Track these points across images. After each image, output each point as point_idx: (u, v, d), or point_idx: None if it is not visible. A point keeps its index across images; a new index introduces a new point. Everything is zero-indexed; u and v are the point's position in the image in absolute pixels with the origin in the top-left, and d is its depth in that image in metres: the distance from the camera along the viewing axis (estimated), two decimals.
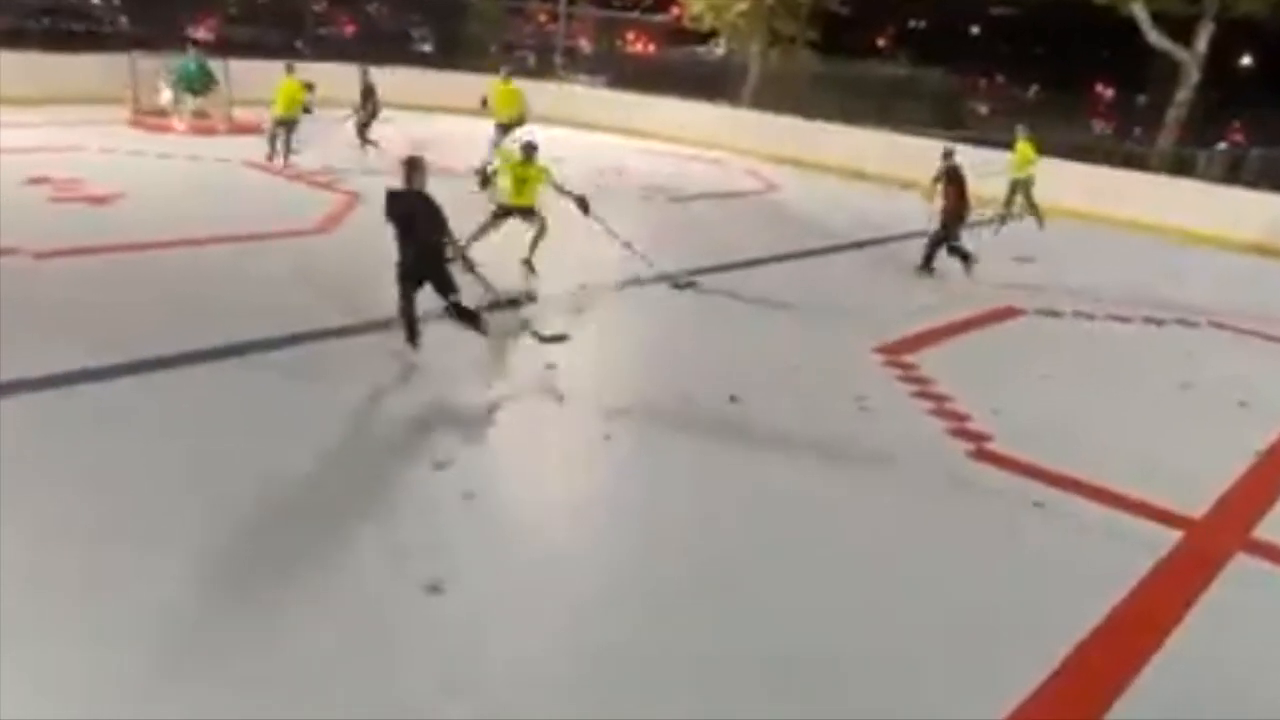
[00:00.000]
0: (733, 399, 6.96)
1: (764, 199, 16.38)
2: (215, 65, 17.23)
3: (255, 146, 14.78)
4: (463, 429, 6.22)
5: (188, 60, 16.99)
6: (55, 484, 5.00)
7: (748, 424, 6.64)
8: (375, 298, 7.68)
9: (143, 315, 7.62)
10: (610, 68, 27.92)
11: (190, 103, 16.85)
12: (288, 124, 14.05)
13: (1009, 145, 14.84)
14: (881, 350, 8.44)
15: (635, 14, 31.30)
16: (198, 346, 6.90)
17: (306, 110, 14.29)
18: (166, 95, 17.04)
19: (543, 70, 26.40)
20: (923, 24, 67.36)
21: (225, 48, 19.59)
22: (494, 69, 17.20)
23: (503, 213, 9.74)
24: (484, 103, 15.10)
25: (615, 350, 8.26)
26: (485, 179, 12.67)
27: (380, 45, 24.24)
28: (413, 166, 6.94)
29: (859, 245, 13.20)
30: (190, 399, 6.22)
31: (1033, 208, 14.84)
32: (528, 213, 9.72)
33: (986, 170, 13.39)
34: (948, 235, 11.29)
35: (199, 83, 16.88)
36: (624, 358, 8.07)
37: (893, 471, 6.16)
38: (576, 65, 27.25)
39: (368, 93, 15.43)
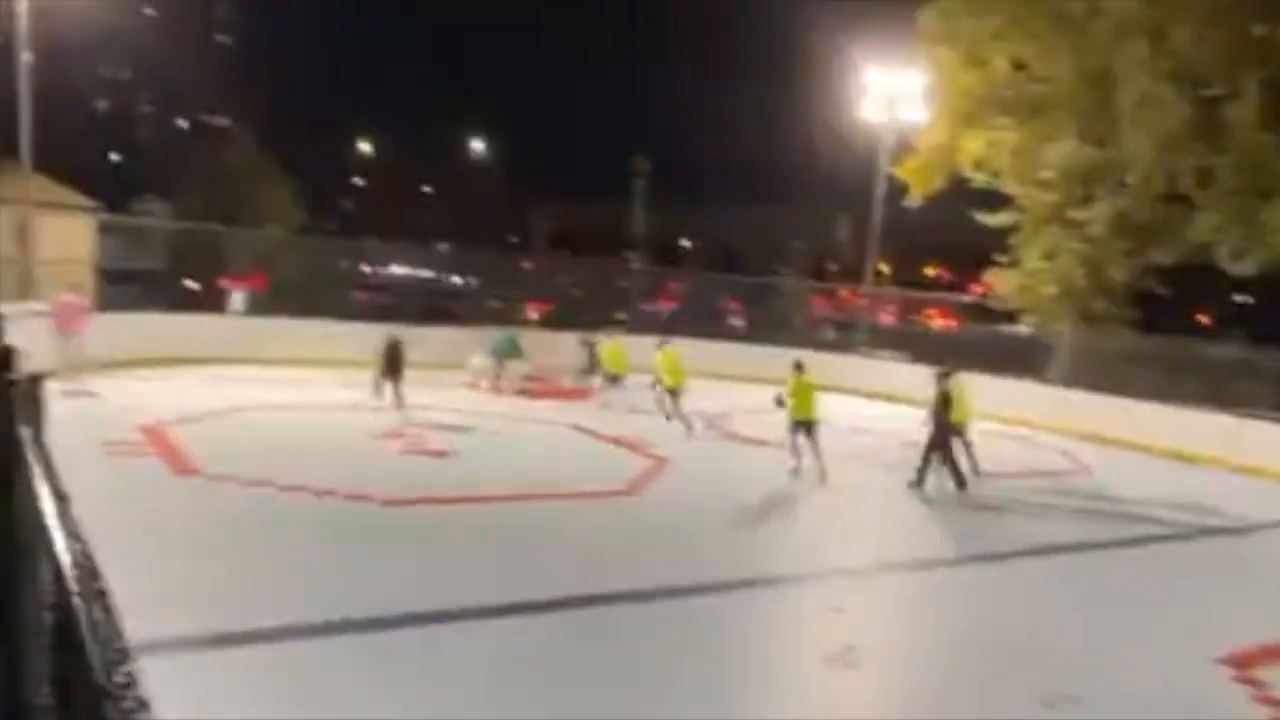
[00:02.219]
0: (1049, 705, 6.38)
1: (1076, 480, 15.44)
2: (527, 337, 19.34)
3: (577, 410, 16.17)
4: (755, 711, 6.11)
5: (505, 334, 19.19)
6: None
7: None
8: (664, 560, 7.95)
9: (474, 563, 8.32)
10: (911, 343, 28.22)
11: (497, 368, 18.87)
12: (674, 392, 15.45)
13: None
14: (1229, 662, 7.44)
15: (938, 294, 31.83)
16: (527, 598, 7.39)
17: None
18: (476, 361, 19.18)
19: (845, 345, 27.18)
20: (1250, 300, 63.01)
21: (551, 322, 22.02)
22: (798, 343, 17.96)
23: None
24: (779, 402, 14.02)
25: (920, 639, 7.87)
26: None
27: (696, 321, 26.10)
28: None
29: (1188, 537, 12.01)
30: (523, 649, 6.60)
31: None
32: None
33: None
34: None
35: (506, 353, 19.00)
36: (931, 647, 7.66)
37: None
38: (879, 340, 27.81)
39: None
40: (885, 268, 47.73)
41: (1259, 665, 7.37)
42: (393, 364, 15.70)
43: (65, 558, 2.09)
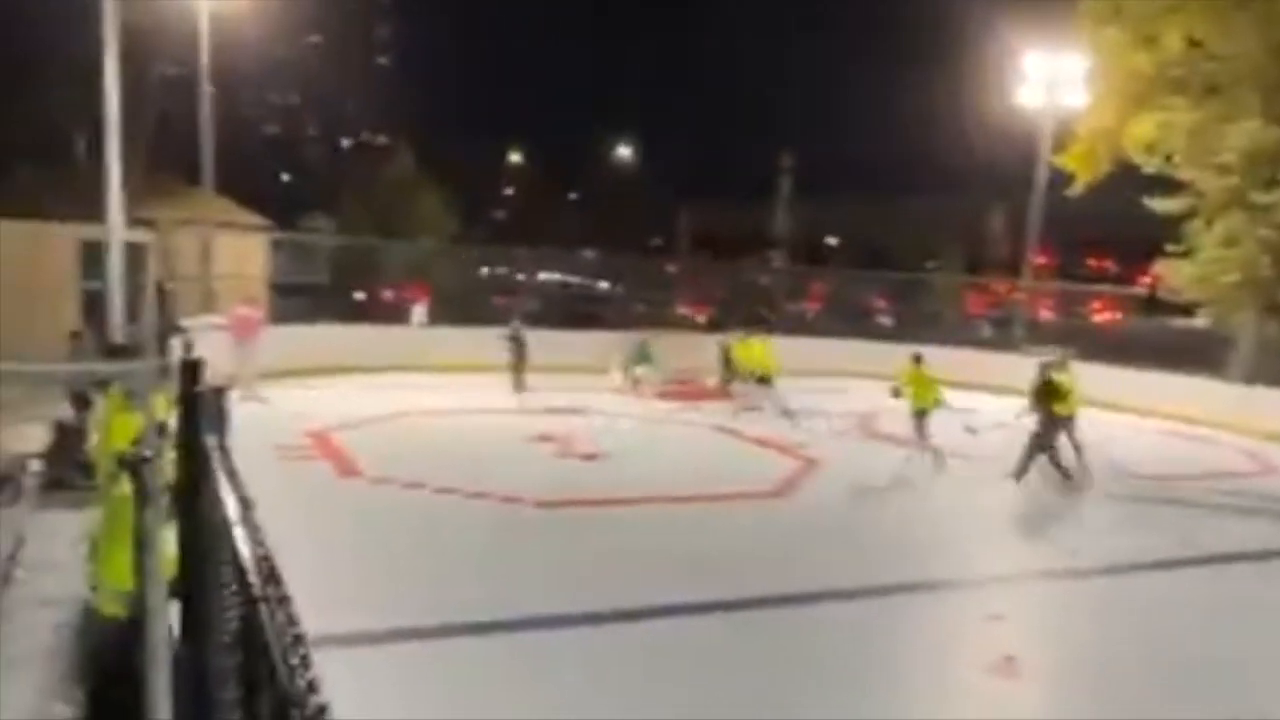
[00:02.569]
0: None
1: (1261, 482, 14.35)
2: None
3: (719, 412, 16.16)
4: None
5: (636, 341, 19.41)
6: None
7: None
8: (814, 562, 7.80)
9: (625, 564, 8.40)
10: (1073, 338, 26.88)
11: (635, 373, 19.07)
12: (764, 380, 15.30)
13: None
14: None
15: (1103, 286, 30.23)
16: (678, 600, 7.43)
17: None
18: (615, 367, 19.46)
19: (1001, 342, 26.14)
20: None
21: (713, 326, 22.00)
22: (950, 341, 17.34)
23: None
24: (895, 393, 13.47)
25: (1085, 648, 7.45)
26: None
27: (844, 320, 25.64)
28: None
29: None
30: (675, 650, 6.63)
31: None
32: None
33: None
34: None
35: (639, 360, 19.20)
36: (1095, 656, 7.25)
37: None
38: (1038, 336, 26.59)
39: None
40: (1044, 260, 45.67)
41: None
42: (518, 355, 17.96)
43: (249, 561, 2.20)
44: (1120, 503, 12.44)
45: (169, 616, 4.02)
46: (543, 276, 35.63)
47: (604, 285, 35.99)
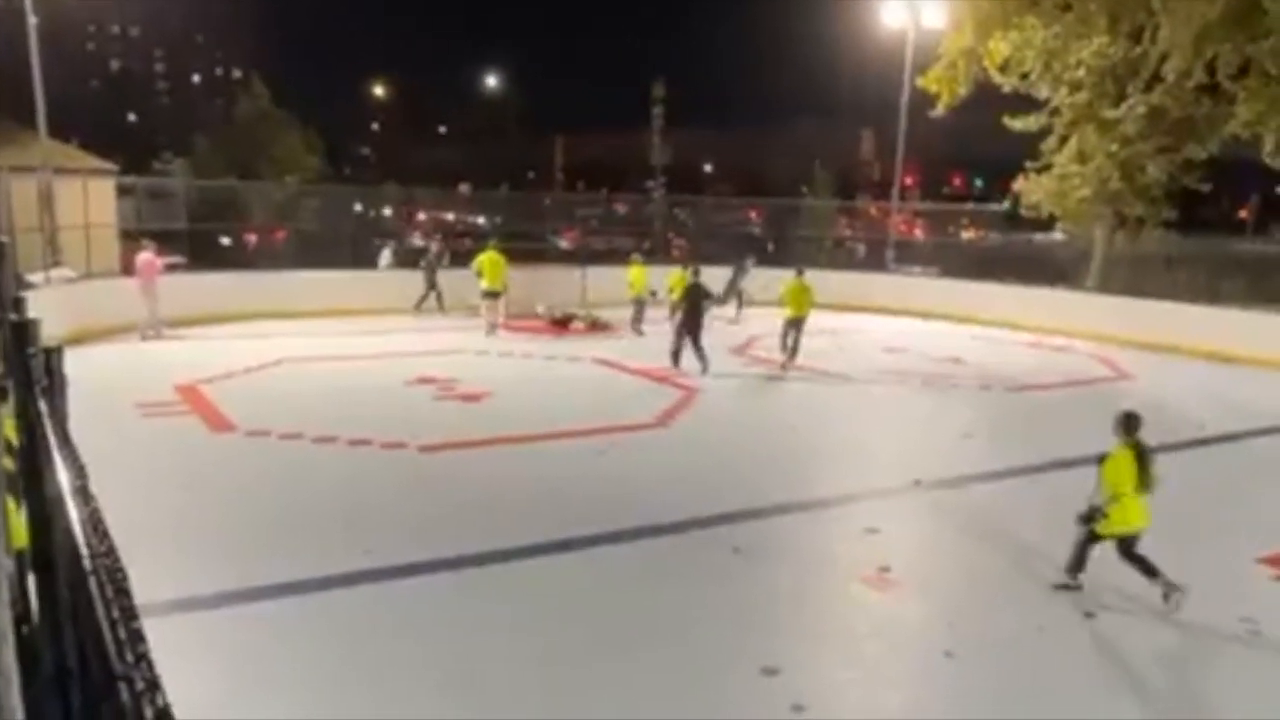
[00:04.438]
0: (1089, 615, 6.34)
1: (1115, 387, 15.23)
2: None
3: (603, 345, 16.14)
4: (795, 634, 6.13)
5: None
6: (407, 677, 5.50)
7: (1115, 648, 6.00)
8: (703, 493, 7.92)
9: (507, 506, 8.36)
10: (942, 258, 27.81)
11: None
12: (796, 322, 15.22)
13: None
14: (1271, 562, 7.37)
15: (967, 205, 31.24)
16: (555, 536, 7.42)
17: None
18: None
19: (875, 263, 26.83)
20: None
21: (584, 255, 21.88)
22: (826, 264, 17.79)
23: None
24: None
25: (957, 554, 7.83)
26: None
27: (723, 246, 25.82)
28: None
29: (1232, 438, 11.82)
30: (549, 588, 6.66)
31: None
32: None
33: None
34: None
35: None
36: (968, 561, 7.62)
37: None
38: (909, 256, 27.40)
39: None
40: (911, 181, 46.88)
41: None
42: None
43: (79, 534, 2.06)
44: (985, 412, 13.05)
45: (15, 589, 3.78)
46: (422, 216, 34.75)
47: (480, 220, 35.37)
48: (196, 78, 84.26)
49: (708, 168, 76.17)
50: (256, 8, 78.10)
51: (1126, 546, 6.44)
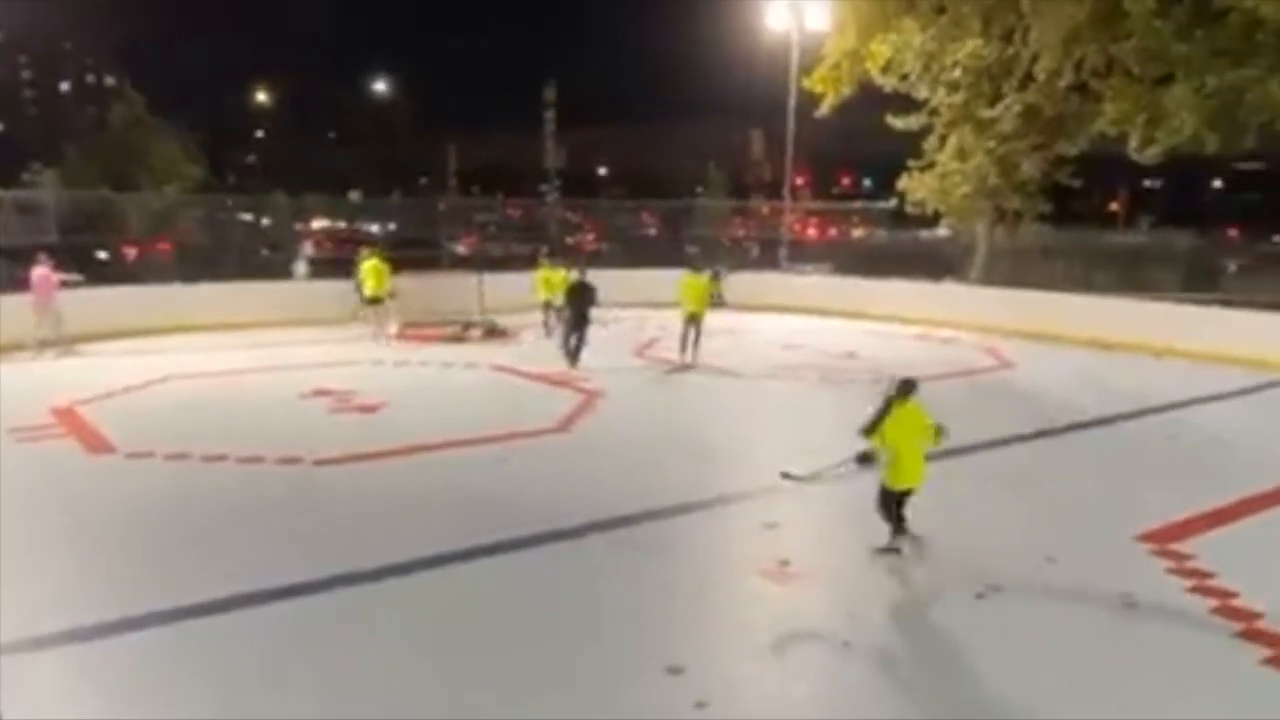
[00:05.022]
0: (979, 597, 6.57)
1: (1000, 376, 15.83)
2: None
3: (501, 352, 16.03)
4: (697, 632, 6.18)
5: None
6: (299, 692, 5.36)
7: (1000, 625, 6.22)
8: (604, 496, 7.92)
9: (406, 518, 8.20)
10: (834, 256, 28.46)
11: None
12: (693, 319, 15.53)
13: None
14: (1146, 538, 7.74)
15: (856, 203, 32.04)
16: (457, 547, 7.31)
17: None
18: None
19: (769, 262, 27.28)
20: (1159, 184, 65.01)
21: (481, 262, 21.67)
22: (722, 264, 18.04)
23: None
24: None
25: (854, 545, 8.00)
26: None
27: (621, 248, 25.91)
28: None
29: (1109, 421, 12.40)
30: (446, 600, 6.57)
31: None
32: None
33: None
34: None
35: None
36: (865, 552, 7.79)
37: (1169, 678, 5.52)
38: (802, 255, 27.94)
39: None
40: (802, 181, 47.82)
41: (1177, 540, 7.69)
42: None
43: None
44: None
45: None
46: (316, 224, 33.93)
47: (374, 229, 34.69)
48: (65, 85, 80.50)
49: (603, 170, 76.35)
50: (130, 13, 75.10)
51: (899, 499, 7.21)
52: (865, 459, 7.40)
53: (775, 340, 18.60)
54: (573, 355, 15.16)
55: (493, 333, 18.70)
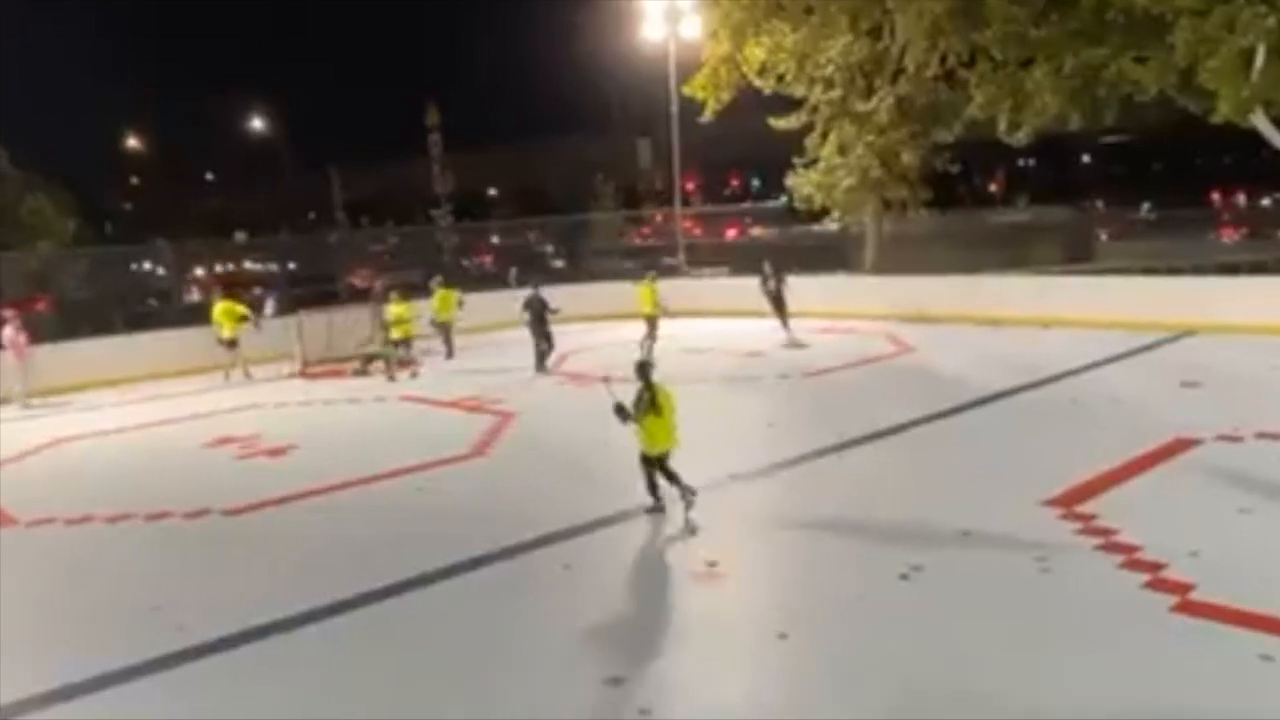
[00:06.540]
0: (904, 577, 6.74)
1: (901, 361, 16.28)
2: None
3: (410, 383, 15.85)
4: (634, 641, 6.20)
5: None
6: None
7: (926, 603, 6.39)
8: (527, 515, 7.89)
9: (326, 561, 8.02)
10: (729, 256, 28.87)
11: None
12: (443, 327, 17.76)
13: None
14: (1053, 503, 8.06)
15: (746, 204, 32.56)
16: (376, 585, 7.16)
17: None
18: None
19: (666, 269, 27.48)
20: (1032, 162, 67.88)
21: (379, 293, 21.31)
22: (622, 276, 18.27)
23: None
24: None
25: (777, 539, 8.13)
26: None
27: (521, 267, 25.80)
28: None
29: (1007, 394, 12.86)
30: (379, 637, 6.44)
31: None
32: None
33: None
34: None
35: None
36: (788, 544, 7.93)
37: (1091, 634, 5.76)
38: (698, 258, 28.25)
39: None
40: (692, 186, 48.40)
41: (1081, 501, 8.03)
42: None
43: None
44: (785, 400, 13.66)
45: None
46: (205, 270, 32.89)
47: (272, 268, 33.76)
48: None
49: (492, 191, 75.88)
50: None
51: (660, 463, 8.27)
52: (622, 413, 8.43)
53: (681, 345, 18.72)
54: (539, 359, 16.59)
55: (399, 363, 18.40)
